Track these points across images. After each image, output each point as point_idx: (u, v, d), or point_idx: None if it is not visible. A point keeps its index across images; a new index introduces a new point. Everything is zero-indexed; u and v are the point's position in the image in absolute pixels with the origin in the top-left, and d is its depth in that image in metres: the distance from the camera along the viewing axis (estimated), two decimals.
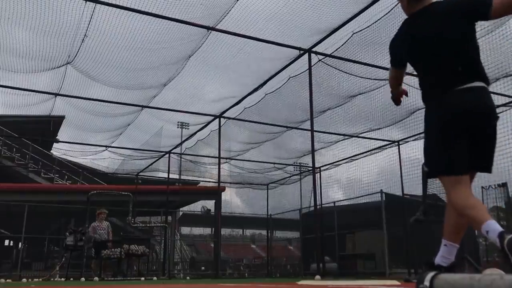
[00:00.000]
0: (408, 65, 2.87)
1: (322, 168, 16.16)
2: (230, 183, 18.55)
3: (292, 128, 13.67)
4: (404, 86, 3.16)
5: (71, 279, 11.44)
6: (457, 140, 2.44)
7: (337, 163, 15.69)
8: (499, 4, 2.35)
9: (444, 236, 2.67)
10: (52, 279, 11.85)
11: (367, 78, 10.50)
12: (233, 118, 13.71)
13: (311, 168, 10.77)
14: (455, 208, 2.50)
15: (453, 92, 2.45)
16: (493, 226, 2.19)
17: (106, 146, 15.60)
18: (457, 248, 2.66)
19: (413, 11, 2.70)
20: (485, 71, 2.55)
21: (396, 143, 13.53)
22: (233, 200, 19.80)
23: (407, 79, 10.53)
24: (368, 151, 14.49)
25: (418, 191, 11.68)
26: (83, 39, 8.80)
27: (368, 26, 8.96)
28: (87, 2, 7.71)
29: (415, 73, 2.82)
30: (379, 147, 14.18)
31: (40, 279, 11.84)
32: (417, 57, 2.70)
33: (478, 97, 2.45)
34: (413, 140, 12.94)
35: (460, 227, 2.66)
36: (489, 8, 2.38)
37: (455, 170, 2.44)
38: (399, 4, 2.83)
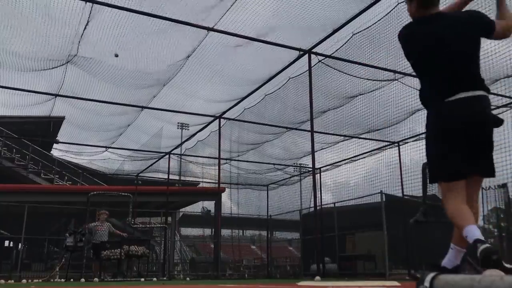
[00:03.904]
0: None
1: (322, 169, 16.15)
2: (230, 183, 18.54)
3: (292, 129, 13.67)
4: (403, 87, 3.24)
5: (71, 280, 11.43)
6: (455, 148, 2.49)
7: (337, 164, 15.69)
8: (499, 29, 2.65)
9: (452, 240, 2.72)
10: (52, 280, 11.84)
11: (367, 79, 10.51)
12: (233, 119, 13.72)
13: (311, 169, 10.77)
14: (446, 212, 2.55)
15: (454, 100, 2.49)
16: (471, 232, 2.29)
17: (106, 147, 15.60)
18: (463, 252, 2.70)
19: (421, 15, 2.72)
20: (483, 80, 2.61)
21: (396, 144, 13.53)
22: (232, 201, 19.76)
23: (406, 79, 10.49)
24: (368, 151, 14.50)
25: (418, 192, 11.67)
26: (81, 38, 8.80)
27: (367, 27, 8.97)
28: (87, 2, 7.72)
29: (414, 73, 2.84)
30: (379, 148, 14.18)
31: (40, 280, 11.83)
32: (421, 60, 2.72)
33: (476, 106, 2.49)
34: (412, 141, 12.93)
35: None
36: (493, 32, 2.65)
37: (449, 177, 2.52)
38: (398, 5, 2.87)
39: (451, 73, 2.56)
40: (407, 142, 13.19)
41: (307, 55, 9.63)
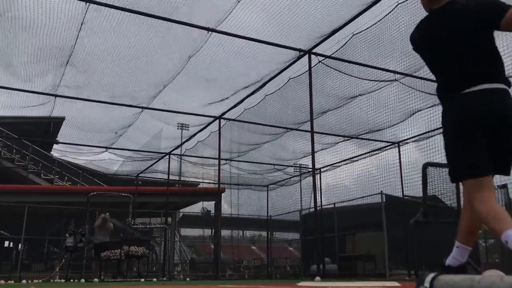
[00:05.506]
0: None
1: (322, 169, 16.15)
2: (230, 184, 18.55)
3: (292, 129, 13.66)
4: (403, 87, 3.18)
5: (71, 280, 11.43)
6: (476, 141, 2.36)
7: (337, 164, 15.68)
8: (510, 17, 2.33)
9: (457, 238, 2.65)
10: (52, 280, 11.84)
11: (367, 79, 10.50)
12: (233, 120, 13.71)
13: (311, 170, 10.76)
14: (478, 214, 2.37)
15: (469, 93, 2.41)
16: None
17: (106, 147, 15.60)
18: (469, 250, 2.64)
19: (433, 8, 2.68)
20: (504, 73, 2.50)
21: (396, 144, 13.53)
22: (232, 202, 19.77)
23: (406, 80, 10.46)
24: (368, 152, 14.49)
25: (418, 193, 11.66)
26: (77, 37, 8.79)
27: (368, 28, 8.97)
28: (87, 3, 7.73)
29: (414, 74, 2.83)
30: (379, 148, 14.17)
31: (40, 280, 11.83)
32: (433, 55, 2.67)
33: (496, 98, 2.39)
34: (413, 142, 12.93)
35: (474, 230, 2.64)
36: (501, 20, 2.37)
37: (480, 171, 2.33)
38: (399, 5, 2.84)
39: (462, 67, 2.49)
40: (407, 143, 13.19)
41: (307, 55, 9.63)
